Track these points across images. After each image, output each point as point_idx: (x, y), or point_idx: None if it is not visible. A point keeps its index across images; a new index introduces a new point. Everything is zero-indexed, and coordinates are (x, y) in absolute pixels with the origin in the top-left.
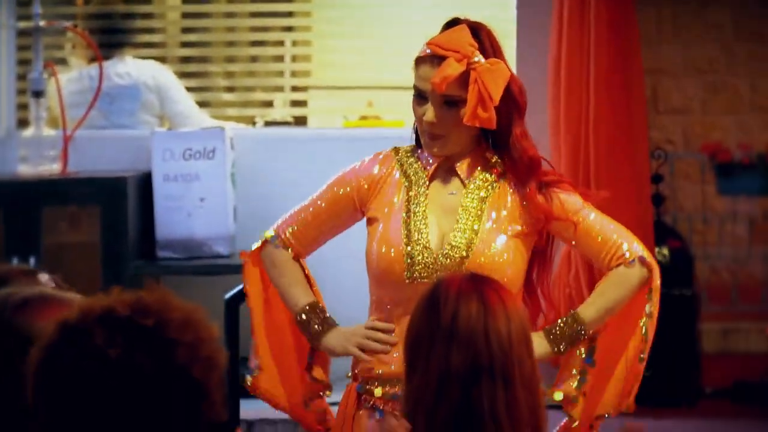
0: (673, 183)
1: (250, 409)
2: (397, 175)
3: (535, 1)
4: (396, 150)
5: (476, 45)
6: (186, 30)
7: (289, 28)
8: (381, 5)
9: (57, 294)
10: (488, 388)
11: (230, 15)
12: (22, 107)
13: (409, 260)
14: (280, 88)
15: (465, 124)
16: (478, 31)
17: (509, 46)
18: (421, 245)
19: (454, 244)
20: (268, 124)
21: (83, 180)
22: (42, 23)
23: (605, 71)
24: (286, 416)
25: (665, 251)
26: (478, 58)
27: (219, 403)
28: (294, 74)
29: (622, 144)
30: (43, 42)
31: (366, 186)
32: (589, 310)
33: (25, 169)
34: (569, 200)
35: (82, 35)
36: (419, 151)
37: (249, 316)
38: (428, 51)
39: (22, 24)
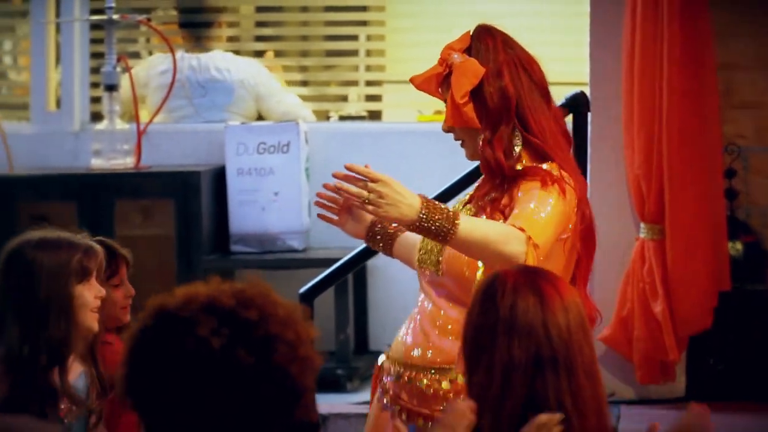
0: (747, 178)
1: (324, 403)
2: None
3: None
4: None
5: (462, 47)
6: (260, 24)
7: (363, 23)
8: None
9: (69, 236)
10: (552, 378)
11: (304, 9)
12: (95, 101)
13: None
14: (354, 83)
15: (473, 130)
16: (476, 33)
17: (582, 42)
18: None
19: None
20: (342, 118)
21: (156, 174)
22: (115, 16)
23: (678, 65)
24: (360, 410)
25: (738, 246)
26: (456, 58)
27: (311, 404)
28: (368, 68)
29: (695, 138)
30: (116, 35)
31: None
32: (468, 220)
33: (99, 163)
34: (523, 192)
35: (154, 29)
36: None
37: (322, 310)
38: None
39: (95, 17)
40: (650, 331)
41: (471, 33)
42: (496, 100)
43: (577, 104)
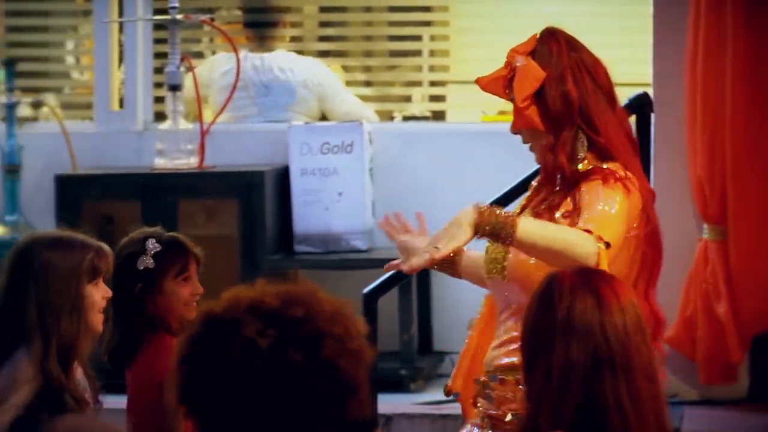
0: None
1: (387, 404)
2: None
3: None
4: None
5: (527, 50)
6: (323, 24)
7: (426, 23)
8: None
9: (82, 237)
10: (610, 380)
11: (368, 9)
12: (159, 101)
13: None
14: (418, 83)
15: (539, 133)
16: (541, 37)
17: (646, 43)
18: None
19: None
20: (406, 118)
21: (220, 174)
22: (178, 16)
23: (742, 66)
24: (423, 410)
25: None
26: (519, 61)
27: (366, 400)
28: (432, 69)
29: (759, 139)
30: (179, 35)
31: None
32: (529, 223)
33: (162, 163)
34: (587, 191)
35: (218, 29)
36: None
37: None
38: None
39: (159, 17)
40: (713, 332)
41: (536, 36)
42: (558, 105)
43: (641, 105)
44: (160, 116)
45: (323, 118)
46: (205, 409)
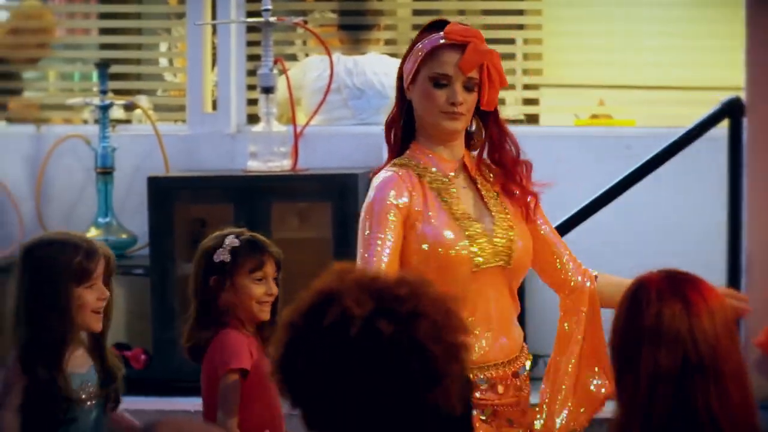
0: None
1: None
2: (422, 189)
3: None
4: (402, 169)
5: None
6: (417, 27)
7: (520, 26)
8: (612, 3)
9: (73, 238)
10: (700, 385)
11: (462, 12)
12: (252, 103)
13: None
14: (511, 86)
15: (472, 109)
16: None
17: (737, 47)
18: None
19: (498, 236)
20: None
21: (313, 176)
22: (271, 19)
23: None
24: None
25: None
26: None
27: (454, 395)
28: (525, 72)
29: None
30: (272, 37)
31: (407, 212)
32: None
33: (255, 165)
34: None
35: (311, 31)
36: (418, 159)
37: None
38: (447, 40)
39: (252, 20)
40: None
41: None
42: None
43: (733, 110)
44: (252, 118)
45: None
46: (297, 375)
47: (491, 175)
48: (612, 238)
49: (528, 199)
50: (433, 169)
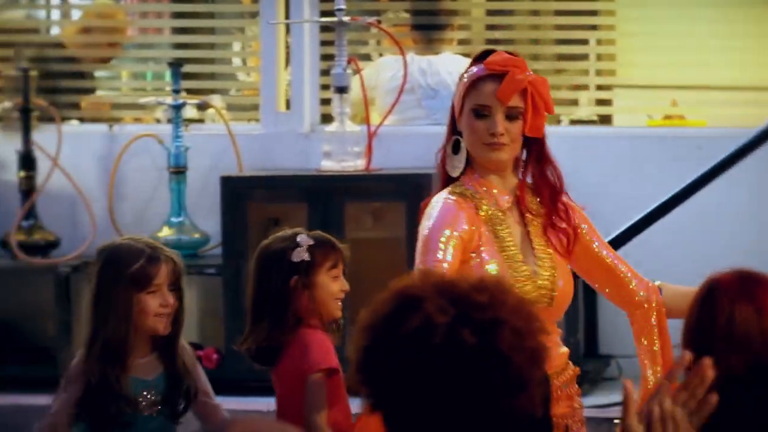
0: None
1: None
2: (477, 220)
3: None
4: (461, 198)
5: (524, 62)
6: (490, 27)
7: (593, 27)
8: (684, 4)
9: (138, 245)
10: None
11: (535, 13)
12: (325, 102)
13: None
14: (584, 87)
15: (518, 138)
16: (515, 55)
17: None
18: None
19: (542, 278)
20: (573, 122)
21: (387, 176)
22: (345, 18)
23: None
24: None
25: None
26: (529, 72)
27: (538, 400)
28: (599, 73)
29: None
30: (346, 37)
31: (465, 240)
32: None
33: (329, 165)
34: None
35: (385, 31)
36: (474, 188)
37: None
38: (486, 71)
39: (325, 19)
40: None
41: (505, 53)
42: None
43: None
44: (326, 118)
45: None
46: (378, 379)
47: (537, 200)
48: (684, 238)
49: (570, 231)
50: (488, 202)
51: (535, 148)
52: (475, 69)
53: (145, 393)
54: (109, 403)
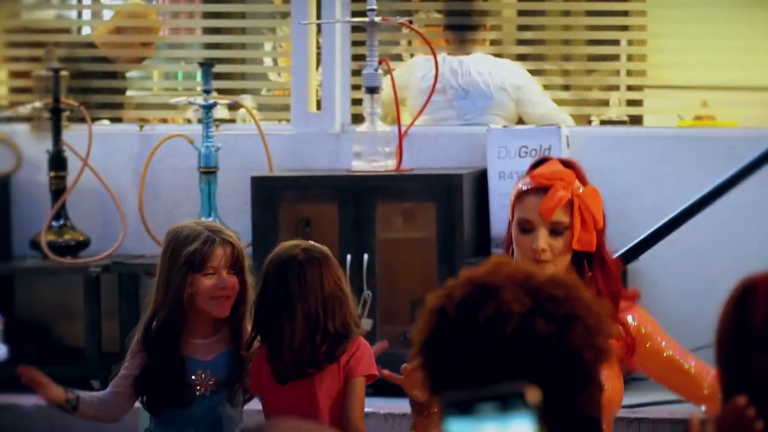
0: None
1: None
2: None
3: None
4: None
5: (573, 174)
6: (522, 28)
7: (624, 27)
8: (715, 4)
9: (196, 228)
10: None
11: (566, 13)
12: (356, 103)
13: None
14: (615, 87)
15: (566, 252)
16: (569, 163)
17: None
18: None
19: None
20: (603, 122)
21: (418, 176)
22: (376, 19)
23: None
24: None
25: None
26: (578, 185)
27: (598, 398)
28: (629, 73)
29: None
30: (377, 37)
31: None
32: None
33: (360, 165)
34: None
35: (416, 31)
36: None
37: None
38: (531, 184)
39: (357, 19)
40: None
41: (559, 163)
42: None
43: None
44: (357, 118)
45: (519, 121)
46: (444, 363)
47: None
48: (714, 239)
49: (629, 340)
50: None
51: (596, 262)
52: (523, 181)
53: (200, 372)
54: (163, 380)
